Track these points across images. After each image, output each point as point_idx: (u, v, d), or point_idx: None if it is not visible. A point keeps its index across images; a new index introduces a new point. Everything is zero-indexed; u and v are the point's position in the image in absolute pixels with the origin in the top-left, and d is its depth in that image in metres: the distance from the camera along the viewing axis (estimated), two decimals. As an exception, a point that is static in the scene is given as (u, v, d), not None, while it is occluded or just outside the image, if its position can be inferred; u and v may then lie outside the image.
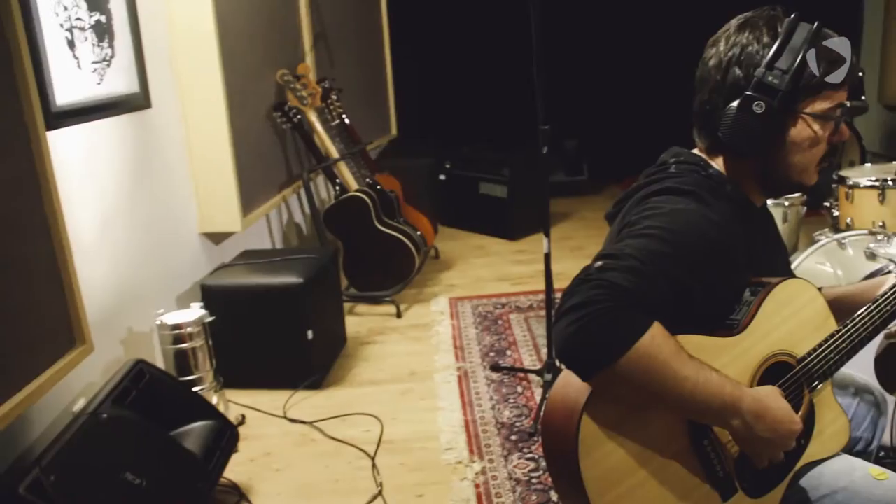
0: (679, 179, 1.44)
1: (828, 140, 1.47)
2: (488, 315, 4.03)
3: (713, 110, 1.46)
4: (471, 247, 5.20)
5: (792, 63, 1.39)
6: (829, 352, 1.46)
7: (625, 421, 1.30)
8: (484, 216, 5.35)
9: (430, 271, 4.69)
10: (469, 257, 4.98)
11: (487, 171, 5.31)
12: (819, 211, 3.54)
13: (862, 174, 3.33)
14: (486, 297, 4.27)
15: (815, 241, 2.96)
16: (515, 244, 5.18)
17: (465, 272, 4.72)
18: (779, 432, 1.33)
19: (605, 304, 1.20)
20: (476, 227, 5.43)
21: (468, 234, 5.43)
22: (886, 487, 1.44)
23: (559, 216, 5.62)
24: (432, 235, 4.56)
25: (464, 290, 4.42)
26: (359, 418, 3.07)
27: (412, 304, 4.22)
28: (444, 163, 5.53)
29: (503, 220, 5.26)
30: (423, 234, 4.34)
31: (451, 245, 5.19)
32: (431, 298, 4.30)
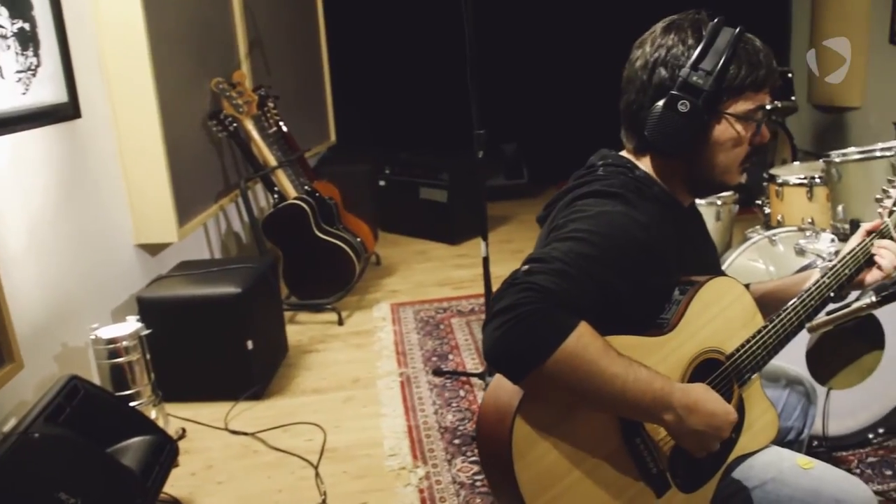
0: (606, 182, 1.47)
1: (750, 141, 1.52)
2: (430, 320, 4.04)
3: (640, 110, 1.50)
4: (412, 252, 5.20)
5: (716, 64, 1.43)
6: (757, 347, 1.51)
7: (558, 422, 1.32)
8: (425, 221, 5.36)
9: (372, 277, 4.69)
10: (411, 262, 4.99)
11: (427, 176, 5.33)
12: (752, 209, 3.63)
13: (791, 172, 3.43)
14: (428, 302, 4.28)
15: (748, 238, 3.03)
16: (457, 248, 5.21)
17: (407, 277, 4.73)
18: (713, 424, 1.36)
19: (531, 306, 1.22)
20: (417, 232, 5.44)
21: (409, 240, 5.43)
22: (812, 476, 1.49)
23: (500, 219, 5.66)
24: (372, 242, 4.56)
25: (406, 295, 4.42)
26: (301, 427, 3.05)
27: (354, 312, 4.21)
28: (383, 168, 5.52)
29: (444, 224, 5.28)
30: (364, 241, 4.34)
31: (392, 251, 5.19)
32: (373, 305, 4.29)
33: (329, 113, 5.73)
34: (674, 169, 1.54)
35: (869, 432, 2.76)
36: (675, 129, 1.44)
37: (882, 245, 1.63)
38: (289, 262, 4.13)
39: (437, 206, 5.29)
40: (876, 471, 2.62)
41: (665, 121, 1.44)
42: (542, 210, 1.58)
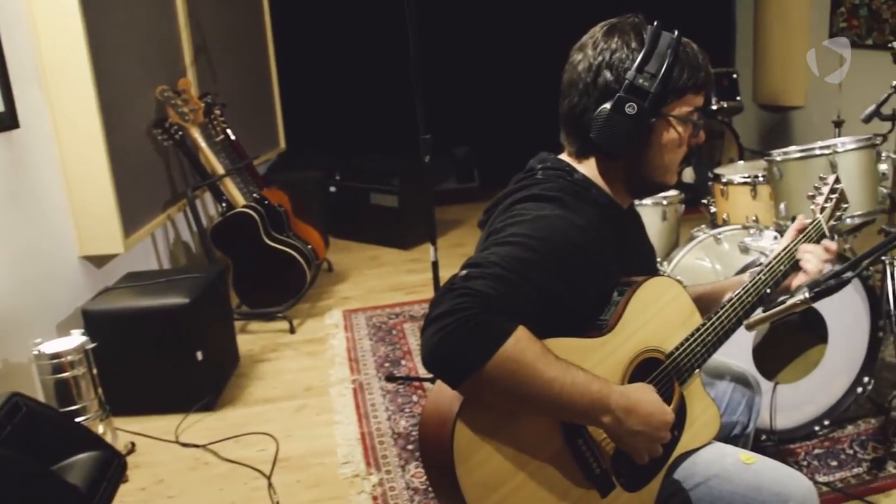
0: (545, 186, 1.48)
1: (688, 143, 1.55)
2: (382, 325, 4.03)
3: (584, 112, 1.51)
4: (364, 258, 5.18)
5: (660, 67, 1.45)
6: (696, 345, 1.53)
7: (499, 426, 1.32)
8: (376, 227, 5.34)
9: (324, 284, 4.66)
10: (362, 268, 4.97)
11: (377, 182, 5.31)
12: (698, 208, 3.68)
13: (735, 171, 3.48)
14: (380, 308, 4.27)
15: (694, 237, 3.07)
16: (408, 253, 5.20)
17: (359, 284, 4.70)
18: (651, 425, 1.38)
19: (468, 311, 1.22)
20: (369, 237, 5.42)
21: (361, 246, 5.41)
22: (755, 471, 1.52)
23: (451, 223, 5.67)
24: (323, 248, 4.53)
25: (358, 301, 4.41)
26: (254, 438, 3.03)
27: (306, 319, 4.18)
28: (334, 175, 5.49)
29: (395, 229, 5.26)
30: (315, 248, 4.31)
31: (344, 257, 5.16)
32: (325, 312, 4.27)
33: (278, 120, 5.68)
34: (616, 171, 1.56)
35: (815, 424, 2.82)
36: (623, 131, 1.46)
37: (807, 250, 1.67)
38: (239, 270, 4.09)
39: (387, 211, 5.27)
40: (822, 462, 2.68)
41: (612, 123, 1.45)
42: (482, 214, 1.59)
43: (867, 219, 2.95)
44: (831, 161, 2.85)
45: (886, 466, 2.64)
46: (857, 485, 2.56)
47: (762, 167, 3.30)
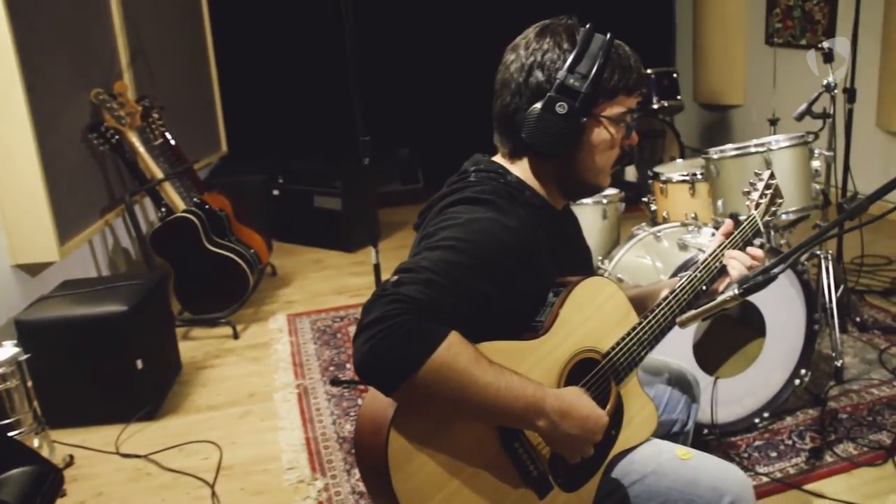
0: (477, 188, 1.48)
1: (621, 144, 1.56)
2: (327, 329, 4.00)
3: (516, 112, 1.51)
4: (308, 261, 5.13)
5: (591, 68, 1.46)
6: (633, 344, 1.54)
7: (434, 432, 1.31)
8: (320, 229, 5.30)
9: (267, 289, 4.60)
10: (307, 272, 4.92)
11: (320, 184, 5.26)
12: (639, 206, 3.72)
13: (674, 170, 3.53)
14: (325, 312, 4.23)
15: (634, 235, 3.11)
16: (353, 256, 5.16)
17: (303, 287, 4.66)
18: (586, 427, 1.38)
19: (400, 318, 1.21)
20: (313, 240, 5.36)
21: (305, 249, 5.35)
22: (691, 466, 1.53)
23: (395, 225, 5.65)
24: (266, 252, 4.48)
25: (302, 305, 4.36)
26: (196, 446, 2.98)
27: (249, 324, 4.12)
28: (277, 178, 5.43)
29: (339, 232, 5.22)
30: (257, 252, 4.26)
31: (288, 261, 5.11)
32: (269, 316, 4.22)
33: (219, 123, 5.60)
34: (548, 172, 1.56)
35: (755, 417, 2.87)
36: (553, 131, 1.46)
37: (732, 256, 1.69)
38: (180, 276, 4.02)
39: (331, 213, 5.23)
40: (762, 453, 2.73)
41: (543, 122, 1.46)
42: (417, 217, 1.58)
43: (802, 214, 3.01)
44: (766, 158, 2.91)
45: (824, 456, 2.70)
46: (796, 474, 2.61)
47: (700, 165, 3.35)
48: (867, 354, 3.40)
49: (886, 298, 3.98)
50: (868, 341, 3.52)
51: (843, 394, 3.09)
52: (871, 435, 2.80)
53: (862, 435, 2.81)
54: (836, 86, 3.28)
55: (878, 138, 5.31)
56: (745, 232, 1.78)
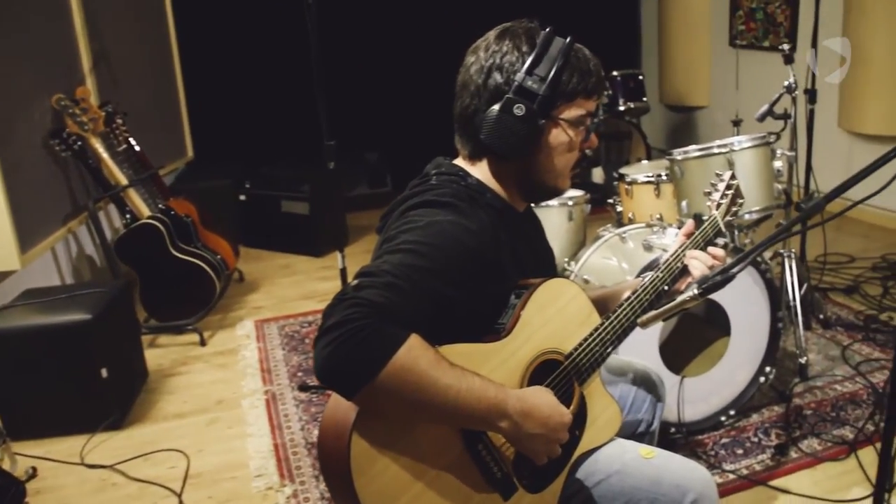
0: (438, 191, 1.48)
1: (580, 147, 1.56)
2: (295, 335, 3.98)
3: (475, 114, 1.52)
4: (276, 266, 5.10)
5: (549, 70, 1.47)
6: (595, 344, 1.55)
7: (396, 435, 1.31)
8: (288, 234, 5.26)
9: (235, 295, 4.57)
10: (275, 277, 4.89)
11: (288, 189, 5.23)
12: (605, 208, 3.74)
13: (639, 171, 3.56)
14: (293, 317, 4.21)
15: (600, 236, 3.13)
16: (321, 260, 5.14)
17: (271, 293, 4.63)
18: (549, 427, 1.39)
19: (359, 322, 1.21)
20: (281, 246, 5.33)
21: (273, 254, 5.32)
22: (654, 465, 1.55)
23: (364, 229, 5.63)
24: (233, 258, 4.44)
25: (270, 311, 4.33)
26: (163, 455, 2.95)
27: (217, 331, 4.09)
28: (243, 183, 5.39)
29: (307, 237, 5.20)
30: (224, 258, 4.22)
31: (255, 266, 5.07)
32: (237, 323, 4.19)
33: (185, 128, 5.54)
34: (508, 174, 1.57)
35: (721, 415, 2.90)
36: (511, 132, 1.46)
37: (693, 256, 1.71)
38: (145, 283, 3.98)
39: (299, 218, 5.20)
40: (729, 451, 2.75)
41: (501, 124, 1.46)
42: (379, 220, 1.58)
43: (764, 214, 3.05)
44: (729, 159, 2.94)
45: (789, 452, 2.73)
46: (762, 471, 2.64)
47: (665, 166, 3.38)
48: (831, 351, 3.45)
49: (849, 296, 4.04)
50: (831, 338, 3.57)
51: (807, 390, 3.13)
52: (834, 430, 2.85)
53: (826, 430, 2.85)
54: (797, 87, 3.33)
55: (841, 138, 5.39)
56: (706, 232, 1.80)
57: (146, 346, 3.79)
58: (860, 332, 3.61)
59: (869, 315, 3.78)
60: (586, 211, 3.38)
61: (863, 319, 3.74)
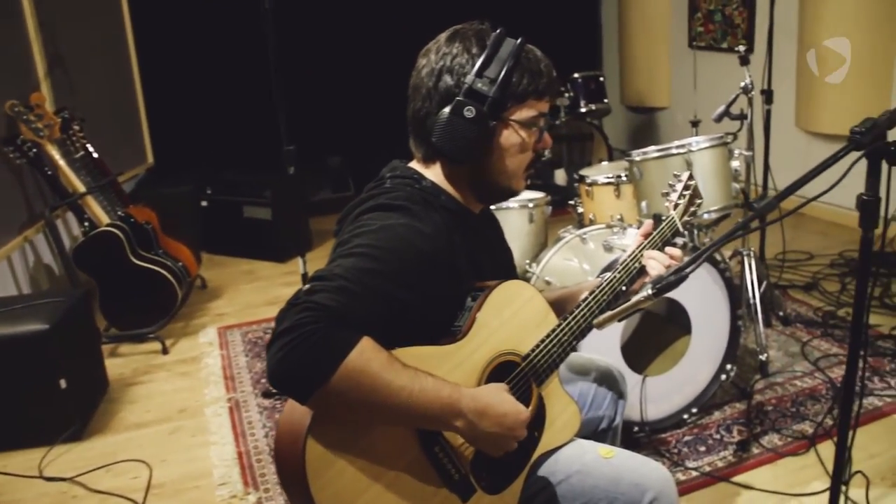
0: (392, 195, 1.48)
1: (533, 147, 1.57)
2: (258, 341, 3.94)
3: (426, 116, 1.52)
4: (239, 272, 5.06)
5: (499, 72, 1.47)
6: (552, 345, 1.55)
7: (351, 438, 1.31)
8: (250, 240, 5.22)
9: (197, 302, 4.52)
10: (238, 283, 4.85)
11: (250, 195, 5.18)
12: (566, 209, 3.76)
13: (599, 172, 3.58)
14: (256, 323, 4.17)
15: (561, 238, 3.14)
16: (284, 266, 5.10)
17: (234, 299, 4.59)
18: (505, 425, 1.39)
19: (311, 326, 1.21)
20: (243, 251, 5.28)
21: (236, 260, 5.27)
22: (613, 465, 1.56)
23: (327, 233, 5.58)
24: (195, 265, 4.39)
25: (233, 317, 4.30)
26: (125, 466, 2.91)
27: (179, 339, 4.04)
28: (205, 189, 5.33)
29: (270, 242, 5.16)
30: (186, 265, 4.18)
31: (218, 273, 5.02)
32: (199, 330, 4.14)
33: (145, 134, 5.47)
34: (461, 176, 1.57)
35: (684, 413, 2.92)
36: (462, 135, 1.46)
37: (651, 256, 1.72)
38: (105, 292, 3.92)
39: (261, 224, 5.16)
40: (691, 448, 2.78)
41: (452, 126, 1.46)
42: (336, 224, 1.57)
43: (722, 213, 3.08)
44: (687, 160, 2.97)
45: (751, 448, 2.77)
46: (724, 467, 2.67)
47: (625, 167, 3.41)
48: (791, 347, 3.50)
49: (808, 293, 4.10)
50: (791, 335, 3.62)
51: (768, 387, 3.17)
52: (794, 425, 2.89)
53: (786, 426, 2.89)
54: (753, 88, 3.37)
55: (798, 137, 5.47)
56: (663, 232, 1.81)
57: (107, 355, 3.74)
58: (819, 328, 3.66)
59: (827, 311, 3.84)
60: (547, 213, 3.39)
61: (821, 316, 3.80)
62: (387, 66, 6.22)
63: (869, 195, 1.61)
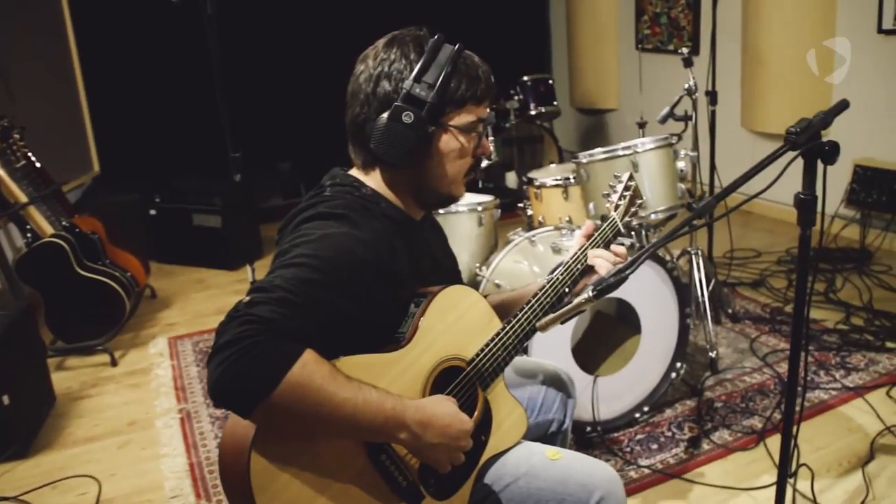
0: (331, 203, 1.47)
1: (472, 153, 1.57)
2: (210, 350, 3.88)
3: (365, 122, 1.51)
4: (190, 281, 4.99)
5: (437, 77, 1.47)
6: (497, 349, 1.56)
7: (296, 450, 1.29)
8: (201, 248, 5.15)
9: (147, 312, 4.45)
10: (189, 293, 4.78)
11: (199, 202, 5.12)
12: (517, 212, 3.77)
13: (547, 174, 3.61)
14: (208, 332, 4.11)
15: (510, 241, 3.15)
16: (236, 273, 5.05)
17: (185, 308, 4.53)
18: (449, 435, 1.39)
19: (252, 339, 1.19)
20: (194, 260, 5.21)
21: (186, 269, 5.20)
22: (560, 466, 1.56)
23: (278, 240, 5.56)
24: (144, 275, 4.32)
25: (184, 327, 4.24)
26: (73, 482, 2.85)
27: (128, 350, 3.98)
28: (153, 197, 5.26)
29: (220, 250, 5.10)
30: (134, 275, 4.11)
31: (168, 282, 4.95)
32: (149, 341, 4.08)
33: (90, 142, 5.37)
34: (401, 182, 1.56)
35: (636, 412, 2.95)
36: (400, 140, 1.46)
37: (597, 255, 1.74)
38: (50, 304, 3.84)
39: (211, 232, 5.10)
40: (644, 446, 2.80)
41: (390, 132, 1.46)
42: (277, 233, 1.56)
43: (669, 213, 3.12)
44: (633, 161, 3.00)
45: (702, 444, 2.80)
46: (676, 464, 2.70)
47: (572, 169, 3.43)
48: (740, 344, 3.55)
49: (756, 289, 4.17)
50: (740, 331, 3.68)
51: (718, 383, 3.21)
52: (744, 421, 2.93)
53: (736, 421, 2.93)
54: (697, 89, 3.42)
55: (744, 137, 5.56)
56: (605, 233, 1.83)
57: (53, 369, 3.67)
58: (767, 324, 3.72)
59: (775, 307, 3.91)
60: (496, 216, 3.40)
61: (769, 312, 3.86)
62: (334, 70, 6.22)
63: (806, 194, 1.64)
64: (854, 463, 2.62)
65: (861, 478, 2.53)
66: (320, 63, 6.20)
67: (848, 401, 3.00)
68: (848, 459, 2.64)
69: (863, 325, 3.62)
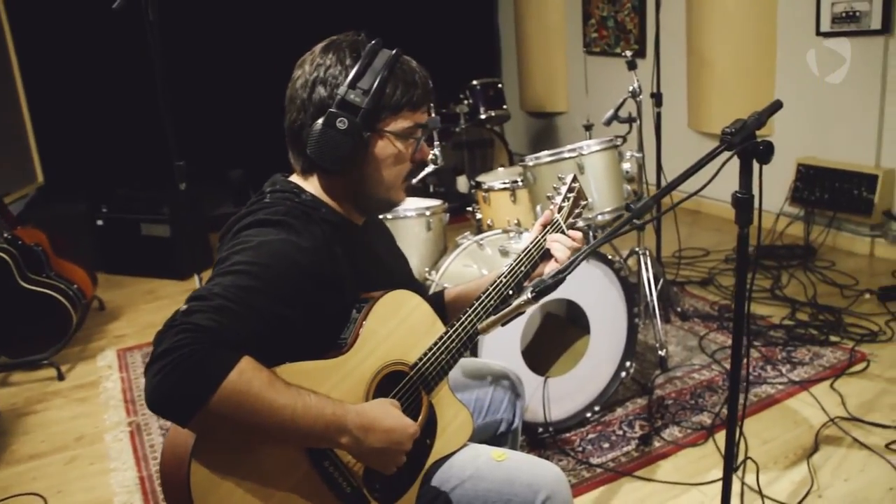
0: (270, 210, 1.47)
1: (411, 158, 1.57)
2: (156, 361, 3.84)
3: (301, 128, 1.51)
4: (140, 292, 4.91)
5: (372, 83, 1.47)
6: (440, 353, 1.56)
7: (237, 459, 1.28)
8: (150, 258, 5.07)
9: (95, 324, 4.37)
10: (138, 304, 4.71)
11: (147, 212, 5.04)
12: (466, 216, 3.79)
13: (495, 178, 3.62)
14: (158, 343, 4.06)
15: (459, 244, 3.16)
16: (186, 283, 4.98)
17: (135, 320, 4.46)
18: (391, 440, 1.39)
19: (189, 347, 1.19)
20: (143, 270, 5.13)
21: (136, 280, 5.12)
22: (506, 468, 1.57)
23: (230, 249, 5.51)
24: (91, 286, 4.25)
25: (133, 338, 4.17)
26: (18, 500, 2.79)
27: (76, 363, 3.90)
28: (100, 207, 5.16)
29: (170, 259, 5.02)
30: (81, 287, 4.03)
31: (117, 293, 4.87)
32: (97, 353, 4.00)
33: (33, 152, 5.27)
34: (339, 187, 1.56)
35: (587, 412, 2.97)
36: (335, 146, 1.46)
37: (555, 239, 1.75)
38: (-7, 319, 3.76)
39: (160, 241, 5.02)
40: (595, 446, 2.83)
41: (325, 138, 1.46)
42: (218, 240, 1.55)
43: (616, 214, 3.15)
44: (578, 163, 3.03)
45: (653, 442, 2.83)
46: (628, 462, 2.72)
47: (520, 172, 3.45)
48: (689, 342, 3.60)
49: (704, 287, 4.23)
50: (689, 329, 3.73)
51: (668, 381, 3.25)
52: (693, 417, 2.97)
53: (686, 418, 2.97)
54: (642, 91, 3.47)
55: (691, 138, 5.65)
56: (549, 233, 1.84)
57: (-3, 385, 3.59)
58: (715, 321, 3.78)
59: (723, 305, 3.97)
60: (445, 220, 3.41)
61: (717, 309, 3.92)
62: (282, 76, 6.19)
63: (742, 192, 1.67)
64: (800, 455, 2.67)
65: (806, 469, 2.58)
66: (268, 69, 6.15)
67: (794, 394, 3.06)
68: (794, 451, 2.70)
69: (807, 319, 3.70)
